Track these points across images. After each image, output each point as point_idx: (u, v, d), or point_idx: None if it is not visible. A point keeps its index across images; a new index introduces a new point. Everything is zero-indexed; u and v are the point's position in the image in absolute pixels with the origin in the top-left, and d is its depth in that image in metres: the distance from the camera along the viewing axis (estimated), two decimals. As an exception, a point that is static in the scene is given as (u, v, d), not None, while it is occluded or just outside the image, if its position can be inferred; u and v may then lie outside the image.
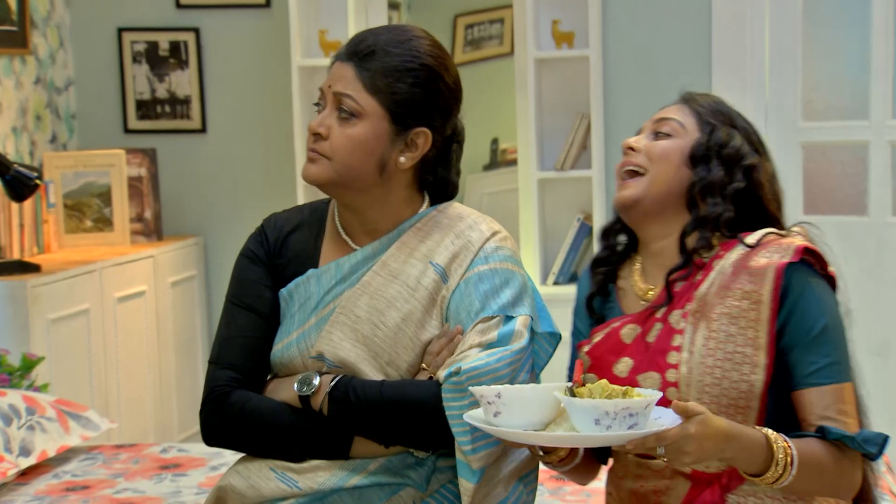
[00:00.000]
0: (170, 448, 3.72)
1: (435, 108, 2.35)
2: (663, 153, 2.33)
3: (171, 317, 5.37)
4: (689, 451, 2.00)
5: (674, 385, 2.22)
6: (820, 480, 2.15)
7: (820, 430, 2.15)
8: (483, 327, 2.29)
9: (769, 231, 2.28)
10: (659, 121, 2.37)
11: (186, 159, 5.75)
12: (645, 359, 2.27)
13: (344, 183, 2.32)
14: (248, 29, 5.66)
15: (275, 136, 5.65)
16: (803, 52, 5.13)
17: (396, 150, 2.34)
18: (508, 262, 2.37)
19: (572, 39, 5.21)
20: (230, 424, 2.34)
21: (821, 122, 5.19)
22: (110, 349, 4.84)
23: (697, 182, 2.31)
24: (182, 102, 5.71)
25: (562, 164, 5.22)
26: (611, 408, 1.96)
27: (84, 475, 3.49)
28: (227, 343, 2.39)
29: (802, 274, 2.22)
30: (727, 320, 2.22)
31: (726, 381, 2.19)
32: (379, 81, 2.29)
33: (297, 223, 2.46)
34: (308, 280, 2.38)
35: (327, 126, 2.31)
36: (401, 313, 2.33)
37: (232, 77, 5.71)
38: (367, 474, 2.31)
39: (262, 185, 5.72)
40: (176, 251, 5.47)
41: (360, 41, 2.32)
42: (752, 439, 2.08)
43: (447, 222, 2.40)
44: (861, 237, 5.08)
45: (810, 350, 2.19)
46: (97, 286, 4.78)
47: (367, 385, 2.29)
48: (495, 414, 2.08)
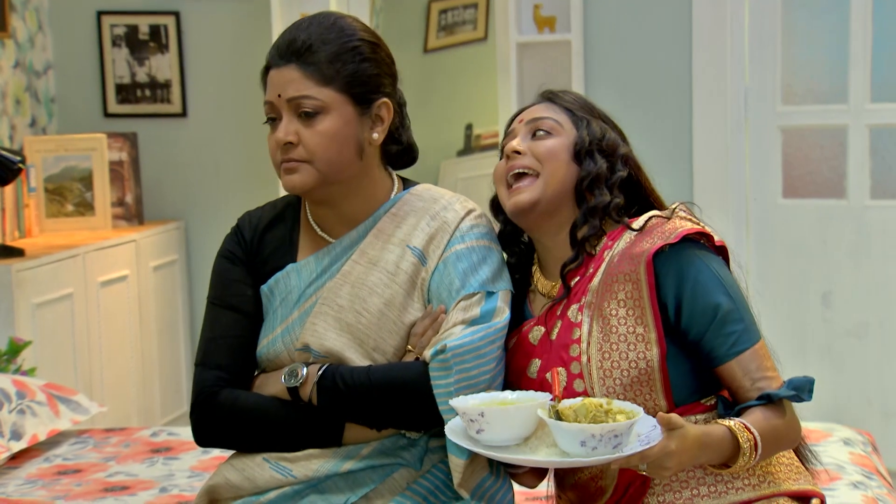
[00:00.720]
0: (160, 432, 3.74)
1: (385, 76, 2.37)
2: (551, 152, 2.35)
3: (153, 301, 5.38)
4: (670, 465, 2.08)
5: (579, 376, 2.29)
6: (779, 444, 2.25)
7: (765, 396, 2.23)
8: (465, 304, 2.32)
9: (653, 214, 2.34)
10: (533, 121, 2.39)
11: (167, 143, 5.75)
12: (551, 356, 2.34)
13: (329, 180, 2.32)
14: (228, 12, 5.66)
15: (256, 120, 5.54)
16: (782, 37, 5.18)
17: (367, 129, 2.35)
18: (485, 240, 2.39)
19: (554, 24, 5.24)
20: (221, 424, 2.36)
21: (800, 105, 5.24)
22: (94, 334, 4.85)
23: (586, 177, 2.35)
24: (162, 86, 5.71)
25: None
26: (597, 431, 2.03)
27: (75, 459, 3.50)
28: (212, 344, 2.40)
29: (686, 254, 2.28)
30: (616, 305, 2.28)
31: (625, 361, 2.26)
32: (328, 70, 2.29)
33: (271, 219, 2.47)
34: (288, 275, 2.40)
35: (294, 132, 2.30)
36: (383, 299, 2.35)
37: (213, 61, 5.71)
38: (360, 459, 2.33)
39: (244, 169, 5.72)
40: (157, 235, 5.48)
41: (291, 41, 2.31)
42: (721, 438, 2.16)
43: (421, 205, 2.42)
44: (840, 220, 5.13)
45: (721, 328, 2.26)
46: (80, 271, 4.78)
47: (354, 371, 2.31)
48: (478, 431, 2.13)
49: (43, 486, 3.27)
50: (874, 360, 5.11)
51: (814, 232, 5.19)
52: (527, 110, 2.44)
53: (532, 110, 2.43)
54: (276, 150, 2.33)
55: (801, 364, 4.92)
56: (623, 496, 2.31)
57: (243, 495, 2.36)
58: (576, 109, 2.40)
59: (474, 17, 8.38)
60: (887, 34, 5.09)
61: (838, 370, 5.11)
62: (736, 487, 2.28)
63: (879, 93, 5.08)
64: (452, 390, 2.25)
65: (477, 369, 2.27)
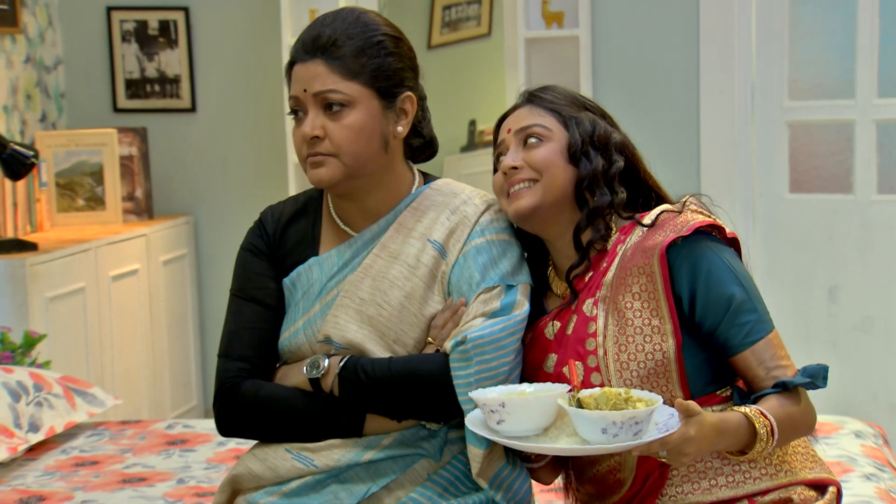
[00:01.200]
0: (174, 424, 3.77)
1: (408, 70, 2.40)
2: (547, 159, 2.34)
3: (163, 295, 5.41)
4: (689, 451, 2.10)
5: (595, 370, 2.32)
6: (795, 431, 2.28)
7: (781, 384, 2.26)
8: (485, 297, 2.35)
9: (663, 209, 2.35)
10: (521, 130, 2.38)
11: (176, 138, 5.77)
12: (567, 351, 2.36)
13: (354, 174, 2.35)
14: (237, 8, 5.69)
15: (265, 115, 5.69)
16: (789, 32, 5.20)
17: (391, 122, 2.38)
18: (504, 234, 2.42)
19: (562, 19, 5.27)
20: (244, 414, 2.39)
21: (807, 101, 5.25)
22: (105, 327, 4.88)
23: (585, 177, 2.35)
24: (171, 81, 5.73)
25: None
26: (618, 418, 2.06)
27: (92, 451, 3.53)
28: (235, 336, 2.44)
29: (699, 246, 2.30)
30: (631, 297, 2.30)
31: (641, 353, 2.29)
32: (353, 65, 2.32)
33: (293, 213, 2.50)
34: (310, 268, 2.43)
35: (320, 126, 2.33)
36: (403, 292, 2.38)
37: (221, 56, 5.73)
38: (381, 449, 2.36)
39: (252, 164, 5.75)
40: (167, 230, 5.51)
41: (317, 35, 2.33)
42: (738, 425, 2.19)
43: (441, 199, 2.45)
44: (846, 215, 5.16)
45: (735, 319, 2.29)
46: (92, 265, 4.81)
47: (375, 363, 2.34)
48: (498, 422, 2.16)
49: (61, 477, 3.30)
50: (880, 354, 5.14)
51: (820, 227, 5.21)
52: (511, 116, 2.42)
53: (518, 117, 2.40)
54: (301, 144, 2.35)
55: (806, 358, 4.90)
56: (641, 488, 2.34)
57: (265, 485, 2.39)
58: (561, 108, 2.38)
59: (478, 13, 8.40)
60: (894, 29, 5.11)
61: (844, 364, 5.13)
62: (753, 477, 2.31)
63: (886, 88, 5.09)
64: (472, 381, 2.28)
65: (496, 360, 2.30)
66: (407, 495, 2.35)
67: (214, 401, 2.42)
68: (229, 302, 2.49)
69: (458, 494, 2.37)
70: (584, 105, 2.41)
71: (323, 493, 2.35)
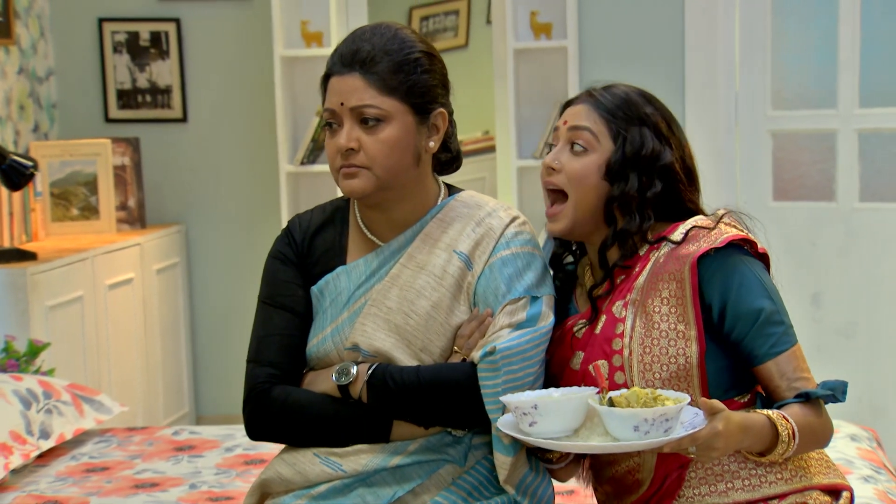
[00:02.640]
0: (181, 430, 3.81)
1: (440, 87, 2.45)
2: (582, 175, 2.41)
3: (156, 304, 5.44)
4: (718, 447, 2.16)
5: (620, 369, 2.37)
6: (814, 440, 2.34)
7: (803, 395, 2.32)
8: (511, 309, 2.40)
9: (693, 225, 2.39)
10: (573, 129, 2.44)
11: (168, 148, 5.80)
12: (594, 349, 2.41)
13: (386, 186, 2.40)
14: (229, 19, 5.72)
15: (257, 125, 5.73)
16: (772, 43, 5.28)
17: (424, 137, 2.43)
18: (528, 246, 2.47)
19: (550, 30, 5.34)
20: (274, 419, 2.43)
21: (789, 110, 5.34)
22: (102, 336, 4.91)
23: (616, 198, 2.41)
24: (163, 92, 5.77)
25: (540, 152, 5.34)
26: (649, 415, 2.11)
27: (101, 457, 3.57)
28: (264, 341, 2.48)
29: (732, 259, 2.35)
30: (659, 302, 2.36)
31: (664, 356, 2.34)
32: (391, 81, 2.37)
33: (320, 223, 2.54)
34: (338, 276, 2.47)
35: (356, 139, 2.37)
36: (430, 301, 2.43)
37: (213, 67, 5.77)
38: (407, 454, 2.41)
39: (244, 174, 5.79)
40: (160, 239, 5.54)
41: (356, 50, 2.38)
42: (761, 424, 2.25)
43: (466, 211, 2.49)
44: (829, 223, 5.24)
45: (762, 330, 2.34)
46: (90, 273, 4.84)
47: (403, 371, 2.39)
48: (531, 424, 2.21)
49: (74, 483, 3.34)
50: (863, 359, 5.23)
51: (804, 234, 5.30)
52: (572, 109, 2.46)
53: (576, 113, 2.45)
54: (335, 155, 2.40)
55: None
56: (659, 489, 2.38)
57: (294, 489, 2.42)
58: (617, 119, 2.42)
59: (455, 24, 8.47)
60: (875, 40, 5.20)
61: (828, 370, 5.16)
62: (769, 481, 2.36)
63: (868, 98, 5.18)
64: (500, 390, 2.33)
65: (522, 371, 2.36)
66: (432, 499, 2.39)
67: (244, 405, 2.46)
68: (258, 309, 2.52)
69: (481, 498, 2.42)
70: (641, 117, 2.43)
71: (350, 496, 2.39)
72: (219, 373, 5.85)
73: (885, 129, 5.23)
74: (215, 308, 5.85)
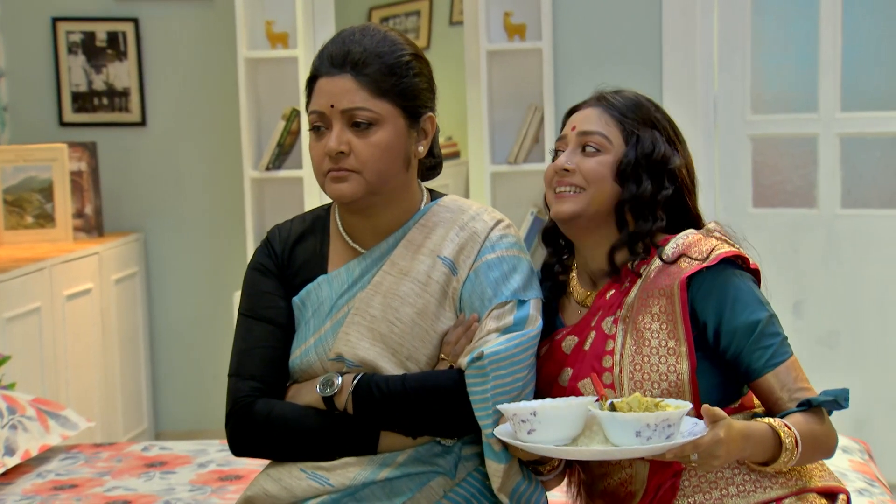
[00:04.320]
0: (151, 446, 3.83)
1: (431, 90, 2.51)
2: (597, 173, 2.46)
3: (114, 315, 5.47)
4: (720, 454, 2.20)
5: (610, 387, 2.43)
6: (817, 449, 2.38)
7: (806, 402, 2.37)
8: (498, 313, 2.45)
9: (684, 240, 2.45)
10: (583, 133, 2.50)
11: (125, 153, 5.82)
12: (583, 366, 2.47)
13: (375, 191, 2.44)
14: (189, 19, 5.75)
15: (219, 130, 5.76)
16: (752, 45, 5.35)
17: (413, 142, 2.47)
18: (514, 249, 2.51)
19: (524, 32, 5.39)
20: (257, 433, 2.46)
21: (770, 114, 5.42)
22: (60, 349, 4.92)
23: (628, 200, 2.47)
24: (120, 95, 5.79)
25: (514, 157, 5.38)
26: (652, 420, 2.16)
27: (69, 474, 3.58)
28: (246, 354, 2.51)
29: (725, 275, 2.41)
30: (650, 318, 2.42)
31: (655, 373, 2.40)
32: (384, 83, 2.41)
33: (301, 232, 2.58)
34: (319, 286, 2.51)
35: (346, 142, 2.41)
36: (415, 308, 2.47)
37: (173, 69, 5.79)
38: (396, 466, 2.45)
39: (206, 180, 5.81)
40: (118, 248, 5.55)
41: (347, 51, 2.41)
42: (763, 433, 2.30)
43: (449, 216, 2.54)
44: (810, 229, 5.31)
45: (759, 342, 2.40)
46: (48, 284, 4.85)
47: (389, 380, 2.43)
48: (529, 431, 2.25)
49: (41, 501, 3.35)
50: (845, 368, 5.30)
51: (784, 241, 5.36)
52: (580, 114, 2.53)
53: (585, 117, 2.52)
54: (322, 158, 2.43)
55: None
56: (653, 500, 2.44)
57: (280, 504, 2.46)
58: (628, 120, 2.48)
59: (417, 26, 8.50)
60: (857, 41, 5.28)
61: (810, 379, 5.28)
62: (764, 486, 2.41)
63: (849, 102, 5.26)
64: (489, 396, 2.37)
65: (511, 376, 2.40)
66: (424, 513, 2.44)
67: (227, 420, 2.49)
68: (238, 321, 2.56)
69: (474, 511, 2.47)
70: (652, 120, 2.50)
71: (339, 512, 2.43)
72: (179, 387, 5.87)
73: (867, 134, 5.30)
74: (175, 320, 5.87)
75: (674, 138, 2.52)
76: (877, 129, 5.28)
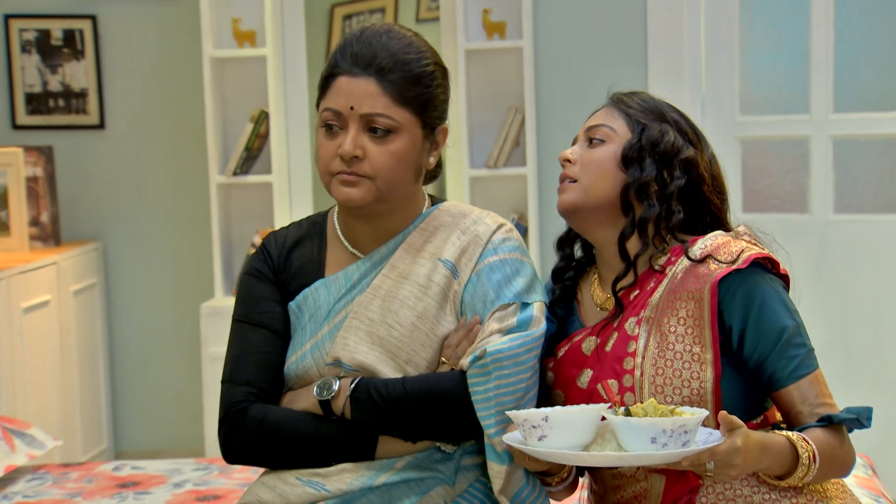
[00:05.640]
0: (122, 466, 3.78)
1: (447, 101, 2.54)
2: (595, 160, 2.50)
3: (73, 328, 5.40)
4: (737, 463, 2.20)
5: (630, 390, 2.43)
6: (834, 466, 2.38)
7: (826, 418, 2.37)
8: (501, 315, 2.47)
9: (713, 241, 2.45)
10: (590, 128, 2.55)
11: (83, 158, 5.77)
12: (604, 368, 2.47)
13: (384, 198, 2.47)
14: (151, 16, 5.70)
15: (183, 133, 5.71)
16: (740, 43, 5.36)
17: (426, 153, 2.51)
18: (517, 252, 2.55)
19: (504, 30, 5.36)
20: (251, 439, 2.47)
21: (759, 115, 5.43)
22: (17, 364, 4.85)
23: (631, 184, 2.48)
24: (78, 96, 5.72)
25: (494, 161, 5.35)
26: (668, 426, 2.16)
27: (36, 496, 3.53)
28: (241, 360, 2.52)
29: (754, 278, 2.41)
30: (675, 321, 2.42)
31: (677, 379, 2.40)
32: (407, 92, 2.43)
33: (297, 238, 2.61)
34: (317, 290, 2.54)
35: (361, 147, 2.43)
36: (415, 312, 2.49)
37: (133, 68, 5.74)
38: (395, 472, 2.46)
39: (169, 186, 5.76)
40: (76, 258, 5.49)
41: (373, 54, 2.42)
42: (781, 445, 2.30)
43: (450, 220, 2.57)
44: (803, 236, 5.31)
45: (785, 351, 2.40)
46: (4, 296, 4.78)
47: (389, 383, 2.44)
48: (540, 438, 2.24)
49: (10, 525, 3.29)
50: (840, 380, 5.24)
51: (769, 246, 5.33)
52: (592, 116, 2.58)
53: (593, 117, 2.57)
54: (332, 159, 2.44)
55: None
56: None
57: (277, 512, 2.46)
58: (635, 114, 2.51)
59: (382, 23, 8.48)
60: (850, 40, 5.31)
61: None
62: None
63: (842, 102, 5.27)
64: (491, 396, 2.39)
65: (515, 377, 2.42)
66: (425, 523, 2.44)
67: (220, 426, 2.49)
68: (232, 327, 2.57)
69: (477, 522, 2.48)
70: (664, 116, 2.53)
71: (336, 519, 2.44)
72: (141, 405, 5.81)
73: (861, 136, 5.32)
74: (137, 334, 5.82)
75: (691, 135, 2.54)
76: (871, 130, 5.29)
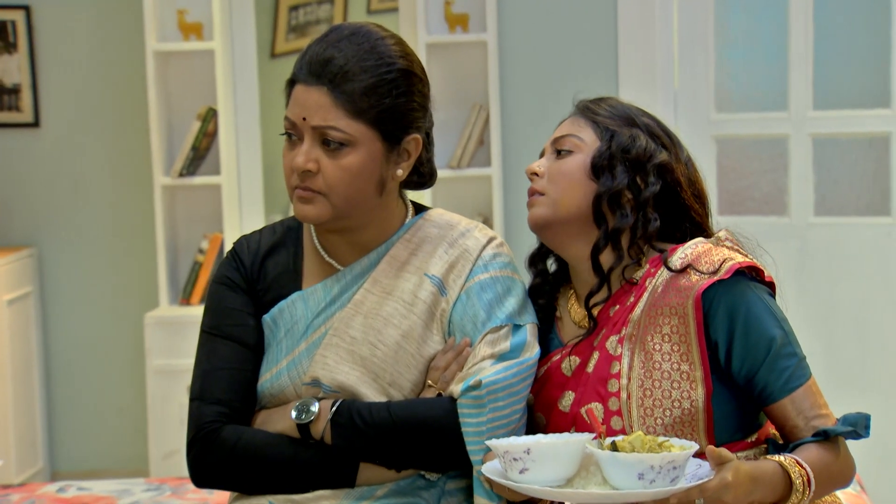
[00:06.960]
0: (67, 487, 3.73)
1: (419, 109, 2.45)
2: (563, 172, 2.48)
3: (6, 340, 5.33)
4: (727, 499, 2.17)
5: (617, 413, 2.40)
6: (832, 483, 2.37)
7: (822, 433, 2.35)
8: (493, 338, 2.43)
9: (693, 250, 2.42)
10: (556, 139, 2.52)
11: (16, 158, 5.70)
12: (587, 390, 2.44)
13: (343, 214, 2.41)
14: (90, 7, 5.64)
15: (125, 131, 5.66)
16: (715, 38, 5.35)
17: (392, 165, 2.43)
18: (508, 270, 2.50)
19: (467, 22, 5.34)
20: (224, 463, 2.42)
21: (736, 113, 5.40)
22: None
23: (603, 193, 2.45)
24: (10, 92, 5.67)
25: (458, 161, 5.32)
26: (657, 462, 2.13)
27: (-24, 519, 3.41)
28: (211, 376, 2.47)
29: (738, 288, 2.39)
30: (660, 339, 2.39)
31: (667, 400, 2.38)
32: (361, 103, 2.36)
33: (271, 245, 2.55)
34: (293, 303, 2.48)
35: (315, 160, 2.37)
36: (399, 330, 2.44)
37: (71, 63, 5.68)
38: (375, 499, 2.41)
39: (110, 188, 5.70)
40: (9, 265, 5.42)
41: (326, 60, 2.36)
42: (772, 473, 2.27)
43: (437, 231, 2.51)
44: (781, 239, 5.30)
45: (775, 363, 2.38)
46: (-65, 305, 4.66)
47: (372, 407, 2.39)
48: (521, 470, 2.20)
49: (-52, 551, 3.17)
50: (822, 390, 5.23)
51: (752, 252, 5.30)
52: (558, 127, 2.54)
53: (560, 127, 2.53)
54: (291, 173, 2.40)
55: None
56: None
57: (248, 540, 2.43)
58: (603, 121, 2.48)
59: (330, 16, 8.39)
60: (830, 35, 5.29)
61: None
62: None
63: (822, 99, 5.25)
64: (485, 429, 2.35)
65: (509, 408, 2.38)
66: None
67: (189, 448, 2.44)
68: (201, 340, 2.51)
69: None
70: (634, 121, 2.49)
71: (310, 548, 2.40)
72: (79, 421, 5.74)
73: (841, 135, 5.31)
74: (75, 346, 5.75)
75: (664, 139, 2.50)
76: (853, 128, 5.28)
